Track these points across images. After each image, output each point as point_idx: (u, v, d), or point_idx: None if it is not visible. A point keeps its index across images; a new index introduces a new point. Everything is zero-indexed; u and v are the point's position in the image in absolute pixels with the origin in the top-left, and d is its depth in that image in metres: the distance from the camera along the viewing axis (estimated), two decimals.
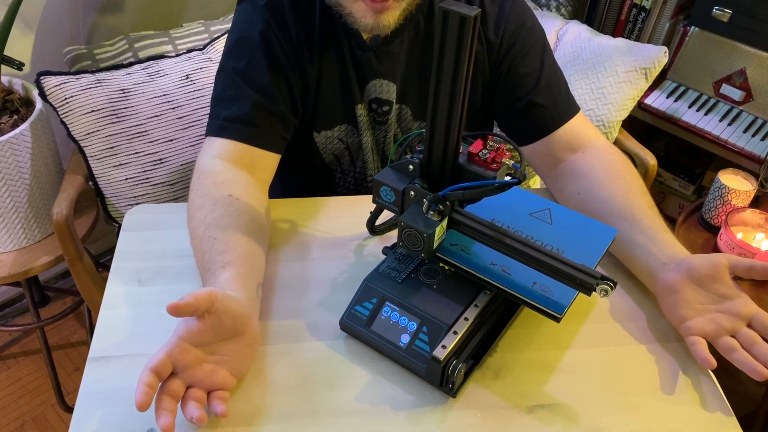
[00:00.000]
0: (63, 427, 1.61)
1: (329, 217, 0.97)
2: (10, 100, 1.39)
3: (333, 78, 0.99)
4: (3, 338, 1.81)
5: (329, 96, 1.00)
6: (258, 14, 0.94)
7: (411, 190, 0.73)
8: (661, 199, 2.07)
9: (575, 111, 1.00)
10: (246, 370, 0.73)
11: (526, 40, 0.99)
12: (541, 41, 1.00)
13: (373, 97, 1.02)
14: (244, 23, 0.96)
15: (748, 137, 1.67)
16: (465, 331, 0.72)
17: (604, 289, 0.67)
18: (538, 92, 0.98)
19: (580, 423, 0.72)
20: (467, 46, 0.63)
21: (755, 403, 1.58)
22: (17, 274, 1.38)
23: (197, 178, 0.89)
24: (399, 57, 0.98)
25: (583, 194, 0.93)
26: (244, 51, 0.94)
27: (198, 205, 0.85)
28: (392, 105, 1.03)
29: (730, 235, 1.30)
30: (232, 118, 0.92)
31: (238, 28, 0.97)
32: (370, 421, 0.71)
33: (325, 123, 1.03)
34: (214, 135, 0.93)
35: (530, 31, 0.99)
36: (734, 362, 0.73)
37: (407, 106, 1.04)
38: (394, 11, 0.88)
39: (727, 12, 1.65)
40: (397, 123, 1.06)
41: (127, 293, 0.84)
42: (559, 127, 0.98)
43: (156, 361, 0.65)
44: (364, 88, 1.01)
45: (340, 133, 1.05)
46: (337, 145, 1.06)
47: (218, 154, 0.91)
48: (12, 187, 1.34)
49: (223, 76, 0.96)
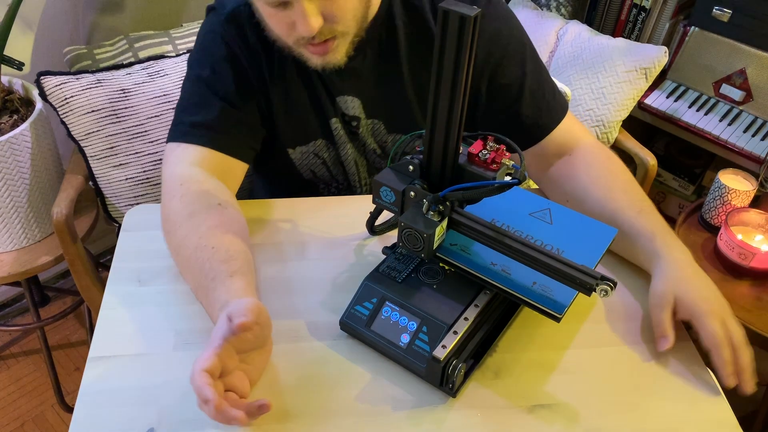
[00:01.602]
0: (63, 427, 1.61)
1: (329, 217, 0.97)
2: (10, 100, 1.39)
3: (302, 94, 0.98)
4: (3, 338, 1.81)
5: (301, 112, 0.99)
6: (220, 26, 0.94)
7: (411, 191, 0.73)
8: (661, 199, 2.07)
9: (562, 115, 0.98)
10: (258, 379, 0.73)
11: (506, 49, 0.95)
12: (521, 47, 0.96)
13: (342, 112, 1.01)
14: (208, 33, 0.96)
15: (748, 137, 1.67)
16: (465, 331, 0.72)
17: (604, 289, 0.67)
18: (521, 103, 0.96)
19: (580, 423, 0.72)
20: (467, 46, 0.63)
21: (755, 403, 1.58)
22: (17, 274, 1.38)
23: (179, 184, 0.87)
24: (362, 73, 0.96)
25: (570, 201, 0.93)
26: (207, 60, 0.94)
27: (187, 213, 0.83)
28: (360, 120, 1.01)
29: (730, 235, 1.30)
30: (199, 124, 0.91)
31: (202, 39, 0.97)
32: (370, 421, 0.71)
33: (300, 139, 1.02)
34: (182, 141, 0.91)
35: (508, 38, 0.95)
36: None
37: (379, 120, 1.02)
38: (340, 48, 0.86)
39: (727, 12, 1.65)
40: (372, 137, 1.04)
41: (127, 293, 0.84)
42: (546, 135, 0.97)
43: (210, 363, 0.64)
44: (335, 103, 0.99)
45: (316, 148, 1.03)
46: (313, 160, 1.05)
47: (195, 162, 0.90)
48: (12, 187, 1.34)
49: (189, 84, 0.96)
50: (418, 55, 0.96)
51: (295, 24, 0.81)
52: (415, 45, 0.95)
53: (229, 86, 0.93)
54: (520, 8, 1.85)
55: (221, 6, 0.95)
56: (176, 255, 0.84)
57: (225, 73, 0.93)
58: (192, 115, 0.92)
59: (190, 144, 0.91)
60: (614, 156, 0.96)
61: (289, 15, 0.81)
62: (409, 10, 0.94)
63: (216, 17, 0.95)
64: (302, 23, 0.79)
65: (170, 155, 0.92)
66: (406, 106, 1.00)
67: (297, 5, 0.78)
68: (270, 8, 0.82)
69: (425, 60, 0.95)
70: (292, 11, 0.80)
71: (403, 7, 0.94)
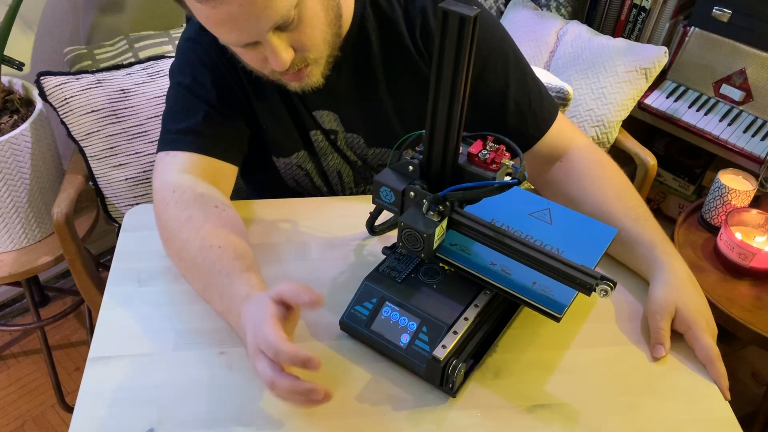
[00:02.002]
0: (63, 427, 1.61)
1: (329, 217, 0.97)
2: (10, 100, 1.39)
3: (281, 107, 0.97)
4: (3, 338, 1.81)
5: (282, 124, 0.99)
6: (197, 34, 0.94)
7: (411, 191, 0.73)
8: (661, 199, 2.07)
9: (550, 122, 0.96)
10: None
11: (486, 61, 0.92)
12: (503, 56, 0.94)
13: (320, 125, 1.00)
14: (187, 41, 0.95)
15: (748, 137, 1.67)
16: (465, 331, 0.73)
17: (603, 289, 0.67)
18: (507, 114, 0.94)
19: (580, 423, 0.72)
20: (467, 46, 0.63)
21: (755, 403, 1.58)
22: (17, 274, 1.38)
23: (171, 191, 0.86)
24: (337, 88, 0.94)
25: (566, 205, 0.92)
26: (187, 67, 0.94)
27: (184, 218, 0.83)
28: (338, 133, 1.01)
29: (730, 235, 1.30)
30: (185, 130, 0.91)
31: (182, 46, 0.96)
32: (370, 421, 0.71)
33: (282, 150, 1.02)
34: (170, 149, 0.91)
35: (488, 49, 0.92)
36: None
37: (358, 135, 1.01)
38: (314, 73, 0.86)
39: (727, 12, 1.65)
40: (350, 150, 1.03)
41: (127, 293, 0.84)
42: (534, 144, 0.96)
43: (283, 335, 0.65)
44: (314, 116, 0.99)
45: (299, 159, 1.03)
46: (296, 171, 1.05)
47: (184, 169, 0.89)
48: (12, 187, 1.34)
49: (172, 92, 0.96)
50: (392, 68, 0.95)
51: (267, 59, 0.81)
52: (390, 57, 0.94)
53: (210, 91, 0.93)
54: (520, 8, 1.85)
55: None
56: (178, 260, 0.84)
57: (205, 79, 0.93)
58: (177, 123, 0.92)
59: (178, 151, 0.90)
60: (607, 159, 0.95)
61: (260, 51, 0.80)
62: (381, 20, 0.93)
63: (193, 26, 0.95)
64: (273, 59, 0.79)
65: (159, 165, 0.91)
66: (385, 121, 0.99)
67: (266, 43, 0.78)
68: (239, 47, 0.82)
69: (400, 71, 0.95)
70: (261, 47, 0.80)
71: (375, 18, 0.93)
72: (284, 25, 0.77)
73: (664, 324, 0.79)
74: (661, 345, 0.79)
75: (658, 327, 0.79)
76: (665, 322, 0.79)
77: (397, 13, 0.93)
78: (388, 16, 0.93)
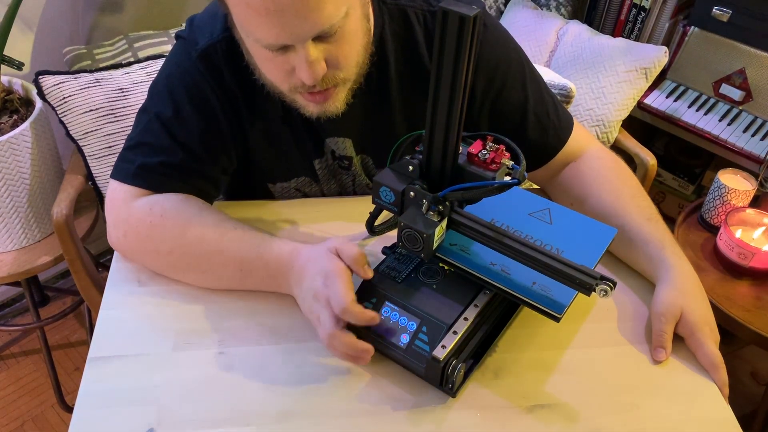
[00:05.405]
0: (63, 427, 1.61)
1: (329, 217, 0.97)
2: (10, 100, 1.39)
3: (285, 136, 0.93)
4: (3, 338, 1.81)
5: (284, 151, 0.95)
6: (191, 63, 0.86)
7: (410, 191, 0.73)
8: (661, 199, 2.07)
9: (569, 132, 0.96)
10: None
11: (506, 75, 0.91)
12: (520, 70, 0.93)
13: (332, 151, 0.97)
14: (176, 68, 0.88)
15: (748, 137, 1.67)
16: (465, 331, 0.72)
17: (603, 289, 0.67)
18: (527, 127, 0.93)
19: (580, 423, 0.72)
20: (467, 46, 0.63)
21: (755, 403, 1.58)
22: (17, 274, 1.38)
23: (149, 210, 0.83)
24: (352, 113, 0.86)
25: (575, 204, 0.93)
26: (171, 99, 0.86)
27: (183, 220, 0.82)
28: (352, 159, 0.98)
29: (730, 234, 1.30)
30: (151, 168, 0.85)
31: (169, 71, 0.89)
32: (370, 421, 0.71)
33: (281, 176, 0.99)
34: (130, 183, 0.85)
35: (508, 63, 0.91)
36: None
37: (368, 156, 0.99)
38: (339, 96, 0.81)
39: (727, 12, 1.65)
40: (363, 172, 1.01)
41: (127, 293, 0.84)
42: (555, 155, 0.96)
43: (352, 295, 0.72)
44: (323, 144, 0.95)
45: (298, 183, 1.01)
46: (293, 194, 1.03)
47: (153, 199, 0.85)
48: (12, 187, 1.34)
49: (146, 118, 0.88)
50: (409, 90, 0.92)
51: (295, 70, 0.75)
52: (407, 80, 0.91)
53: (192, 134, 0.86)
54: (520, 8, 1.85)
55: (192, 40, 0.87)
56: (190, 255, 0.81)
57: (189, 119, 0.86)
58: (147, 157, 0.86)
59: (139, 188, 0.85)
60: (621, 161, 0.96)
61: (289, 60, 0.75)
62: (402, 44, 0.89)
63: (186, 53, 0.87)
64: (304, 70, 0.74)
65: (120, 193, 0.85)
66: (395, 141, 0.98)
67: (300, 49, 0.73)
68: (268, 52, 0.74)
69: (418, 94, 0.90)
70: (292, 55, 0.74)
71: (395, 42, 0.89)
72: (325, 35, 0.73)
73: (668, 328, 0.78)
74: (663, 349, 0.78)
75: (662, 330, 0.79)
76: (669, 325, 0.79)
77: (417, 33, 0.89)
78: (407, 37, 0.89)
